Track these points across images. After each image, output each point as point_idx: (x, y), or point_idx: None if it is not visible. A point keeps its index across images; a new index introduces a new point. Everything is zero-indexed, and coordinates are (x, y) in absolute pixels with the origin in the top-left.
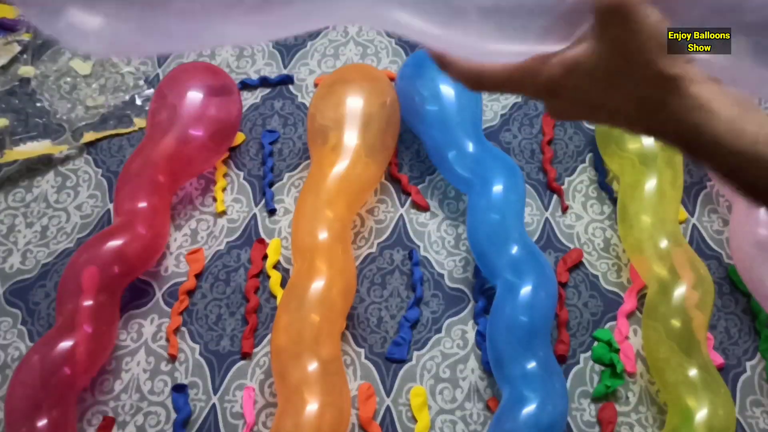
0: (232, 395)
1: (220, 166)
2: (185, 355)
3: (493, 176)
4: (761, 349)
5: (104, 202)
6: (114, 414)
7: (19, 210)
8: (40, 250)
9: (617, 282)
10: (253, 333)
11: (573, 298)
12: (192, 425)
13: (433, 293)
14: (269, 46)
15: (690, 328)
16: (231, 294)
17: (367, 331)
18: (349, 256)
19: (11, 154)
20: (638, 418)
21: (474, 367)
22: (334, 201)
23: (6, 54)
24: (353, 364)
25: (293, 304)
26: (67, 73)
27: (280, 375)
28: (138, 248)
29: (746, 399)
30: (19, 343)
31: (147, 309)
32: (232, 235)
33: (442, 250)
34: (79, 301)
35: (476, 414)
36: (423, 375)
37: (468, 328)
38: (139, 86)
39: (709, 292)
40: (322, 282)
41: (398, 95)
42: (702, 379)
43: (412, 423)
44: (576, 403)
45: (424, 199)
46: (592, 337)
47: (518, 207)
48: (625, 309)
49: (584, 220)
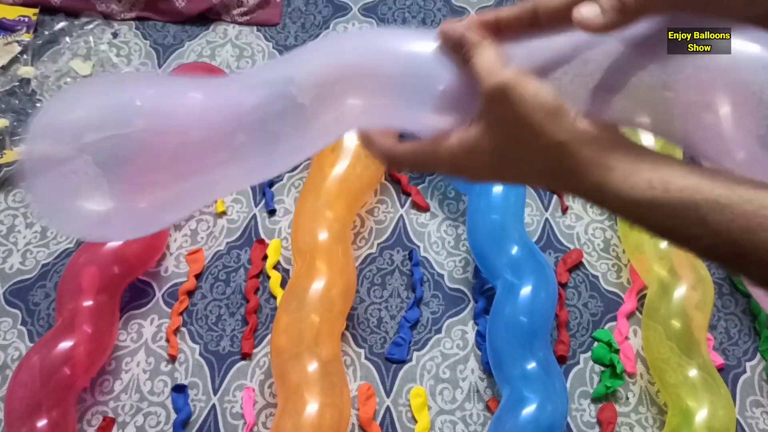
0: (232, 396)
1: None
2: (185, 356)
3: None
4: (761, 349)
5: None
6: (114, 414)
7: (19, 210)
8: (40, 250)
9: (617, 282)
10: (253, 333)
11: (573, 299)
12: (192, 426)
13: (433, 294)
14: (269, 47)
15: (690, 329)
16: (231, 294)
17: (367, 331)
18: (349, 257)
19: (11, 155)
20: (638, 419)
21: (474, 368)
22: (334, 201)
23: (6, 54)
24: (353, 364)
25: (293, 305)
26: (68, 74)
27: (279, 375)
28: (138, 248)
29: (746, 399)
30: (19, 343)
31: (147, 309)
32: (232, 236)
33: (442, 251)
34: (79, 302)
35: (476, 414)
36: (423, 375)
37: (468, 329)
38: None
39: (709, 292)
40: (322, 282)
41: None
42: (702, 379)
43: (412, 423)
44: (576, 403)
45: (424, 199)
46: (592, 337)
47: (518, 207)
48: (625, 309)
49: (584, 221)
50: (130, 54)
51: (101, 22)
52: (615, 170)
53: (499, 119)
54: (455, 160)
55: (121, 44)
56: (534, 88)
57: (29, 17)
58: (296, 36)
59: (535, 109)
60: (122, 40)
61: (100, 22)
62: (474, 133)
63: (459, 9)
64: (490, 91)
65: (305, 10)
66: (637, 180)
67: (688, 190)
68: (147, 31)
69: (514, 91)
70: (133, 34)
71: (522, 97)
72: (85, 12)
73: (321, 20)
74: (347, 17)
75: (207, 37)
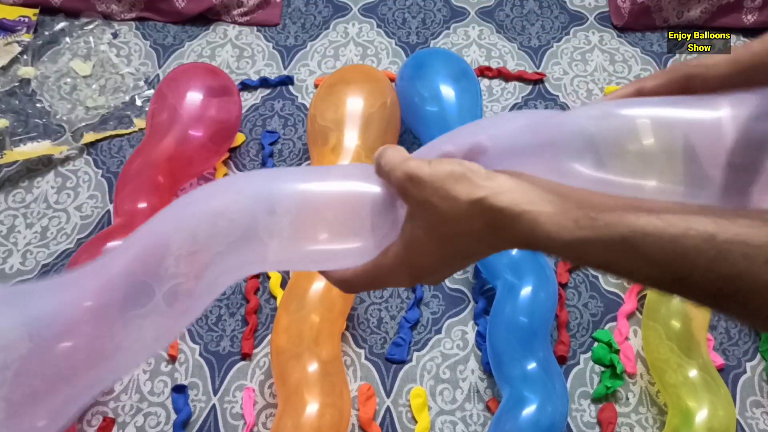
0: (232, 396)
1: (220, 166)
2: (185, 356)
3: None
4: (761, 349)
5: (104, 202)
6: (114, 415)
7: (19, 211)
8: (40, 250)
9: (617, 283)
10: (253, 334)
11: (573, 299)
12: (192, 426)
13: (433, 294)
14: (269, 47)
15: (690, 329)
16: (231, 294)
17: (367, 331)
18: None
19: (11, 155)
20: (638, 419)
21: (474, 368)
22: None
23: (6, 55)
24: (353, 364)
25: (293, 305)
26: (67, 74)
27: (280, 376)
28: None
29: (746, 400)
30: None
31: None
32: None
33: None
34: None
35: (476, 415)
36: (423, 376)
37: (468, 329)
38: (139, 87)
39: None
40: (322, 282)
41: (398, 96)
42: (702, 379)
43: (412, 424)
44: (576, 403)
45: None
46: (592, 337)
47: None
48: (625, 310)
49: None
50: (130, 54)
51: (101, 22)
52: (540, 215)
53: (418, 203)
54: (405, 263)
55: (121, 44)
56: (435, 165)
57: (29, 17)
58: (296, 36)
59: (442, 180)
60: (122, 40)
61: (100, 22)
62: (408, 228)
63: (459, 9)
64: (399, 184)
65: (305, 10)
66: (563, 221)
67: (613, 225)
68: (147, 32)
69: (419, 172)
70: (133, 35)
71: (427, 177)
72: (85, 12)
73: (321, 20)
74: (347, 17)
75: (207, 37)
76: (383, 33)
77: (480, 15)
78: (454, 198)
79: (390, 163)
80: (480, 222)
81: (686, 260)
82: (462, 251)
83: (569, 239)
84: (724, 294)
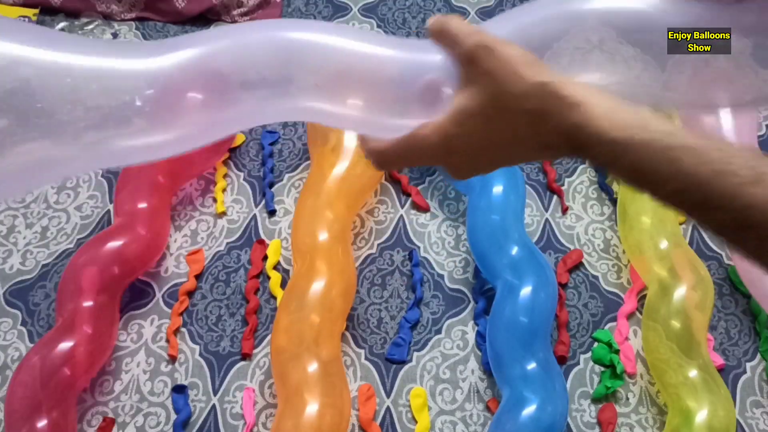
0: (232, 396)
1: (220, 166)
2: (185, 356)
3: (493, 177)
4: (761, 350)
5: (104, 202)
6: (114, 415)
7: (19, 211)
8: (40, 250)
9: (617, 283)
10: (253, 334)
11: (573, 299)
12: (192, 426)
13: (433, 294)
14: None
15: (690, 329)
16: (231, 295)
17: (367, 332)
18: (349, 257)
19: None
20: (638, 419)
21: (474, 368)
22: (334, 202)
23: None
24: (353, 365)
25: (293, 305)
26: None
27: (280, 376)
28: (138, 249)
29: (746, 400)
30: (19, 343)
31: (147, 310)
32: (232, 236)
33: (442, 251)
34: (79, 302)
35: (476, 415)
36: (423, 376)
37: (468, 329)
38: None
39: (709, 293)
40: (322, 283)
41: None
42: (702, 380)
43: (412, 424)
44: (576, 404)
45: (425, 199)
46: (592, 338)
47: (518, 208)
48: (625, 310)
49: (584, 221)
50: None
51: (101, 22)
52: (596, 108)
53: (482, 73)
54: (446, 137)
55: None
56: (509, 45)
57: (29, 17)
58: None
59: (514, 58)
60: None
61: (100, 22)
62: (460, 99)
63: (459, 9)
64: (469, 49)
65: (305, 10)
66: (617, 119)
67: (664, 134)
68: (147, 32)
69: (494, 45)
70: (133, 35)
71: (500, 50)
72: (85, 12)
73: (321, 20)
74: (347, 17)
75: None
76: (383, 33)
77: (480, 15)
78: (521, 76)
79: (462, 29)
80: (537, 103)
81: (722, 182)
82: (505, 138)
83: (616, 137)
84: (743, 226)
